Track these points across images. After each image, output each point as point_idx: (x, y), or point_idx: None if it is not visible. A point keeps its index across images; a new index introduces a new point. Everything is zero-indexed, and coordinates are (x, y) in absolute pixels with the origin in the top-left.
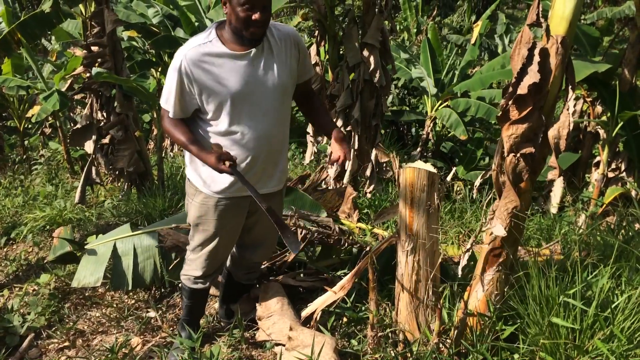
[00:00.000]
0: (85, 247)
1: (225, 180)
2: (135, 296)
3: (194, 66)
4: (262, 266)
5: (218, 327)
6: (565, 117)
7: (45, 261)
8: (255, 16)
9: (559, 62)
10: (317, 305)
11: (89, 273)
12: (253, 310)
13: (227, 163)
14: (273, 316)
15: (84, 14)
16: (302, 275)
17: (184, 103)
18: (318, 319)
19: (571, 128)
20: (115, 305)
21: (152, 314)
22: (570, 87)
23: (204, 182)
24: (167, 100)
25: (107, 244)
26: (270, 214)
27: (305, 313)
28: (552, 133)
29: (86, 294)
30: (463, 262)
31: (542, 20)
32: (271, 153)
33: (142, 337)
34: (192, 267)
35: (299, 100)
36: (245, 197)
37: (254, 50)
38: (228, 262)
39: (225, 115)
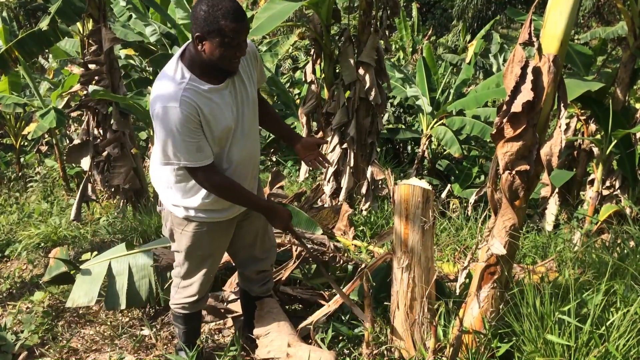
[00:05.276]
0: (81, 267)
1: (222, 209)
2: (129, 314)
3: (195, 106)
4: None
5: (214, 345)
6: (558, 134)
7: (41, 281)
8: (239, 53)
9: (551, 80)
10: (314, 317)
11: (83, 293)
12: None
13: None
14: (271, 333)
15: (81, 32)
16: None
17: (204, 142)
18: (315, 332)
19: (563, 146)
20: (109, 323)
21: (146, 332)
22: (562, 104)
23: (198, 210)
24: (189, 152)
25: (102, 263)
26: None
27: (302, 326)
28: (544, 150)
29: (80, 312)
30: (461, 279)
31: (534, 39)
32: (256, 167)
33: (136, 355)
34: (186, 293)
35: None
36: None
37: (229, 79)
38: (241, 282)
39: (225, 146)
